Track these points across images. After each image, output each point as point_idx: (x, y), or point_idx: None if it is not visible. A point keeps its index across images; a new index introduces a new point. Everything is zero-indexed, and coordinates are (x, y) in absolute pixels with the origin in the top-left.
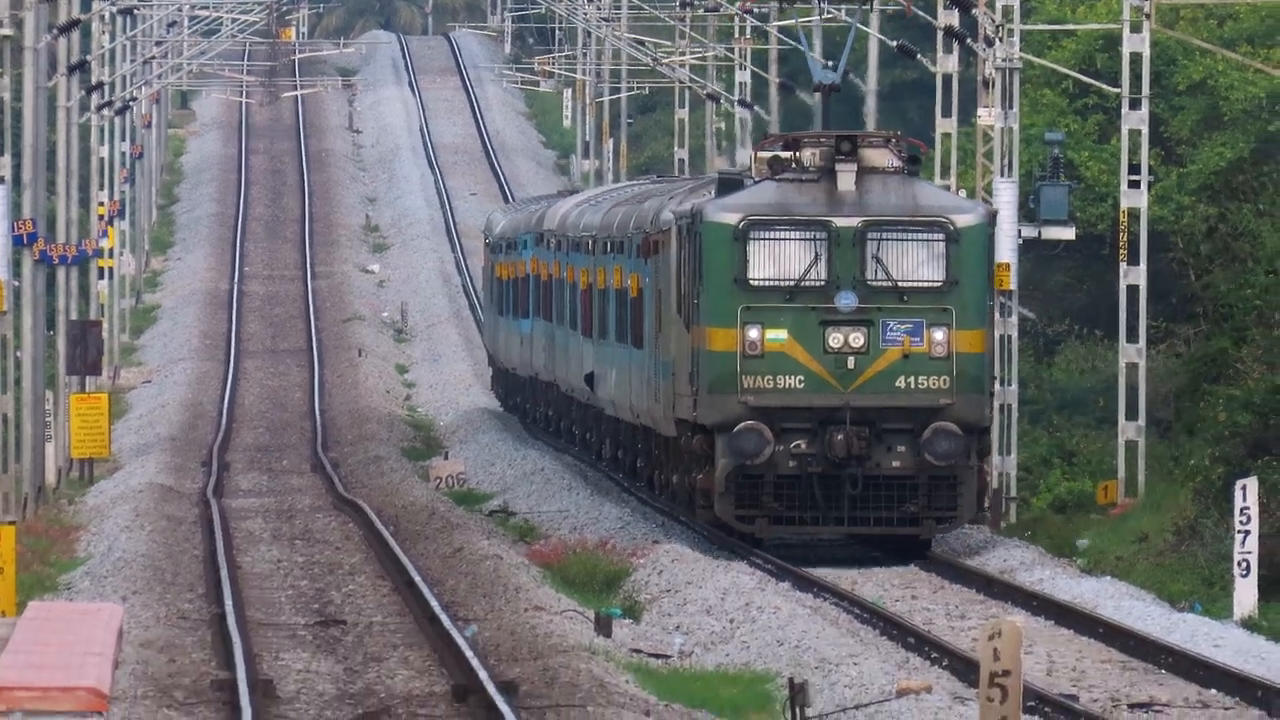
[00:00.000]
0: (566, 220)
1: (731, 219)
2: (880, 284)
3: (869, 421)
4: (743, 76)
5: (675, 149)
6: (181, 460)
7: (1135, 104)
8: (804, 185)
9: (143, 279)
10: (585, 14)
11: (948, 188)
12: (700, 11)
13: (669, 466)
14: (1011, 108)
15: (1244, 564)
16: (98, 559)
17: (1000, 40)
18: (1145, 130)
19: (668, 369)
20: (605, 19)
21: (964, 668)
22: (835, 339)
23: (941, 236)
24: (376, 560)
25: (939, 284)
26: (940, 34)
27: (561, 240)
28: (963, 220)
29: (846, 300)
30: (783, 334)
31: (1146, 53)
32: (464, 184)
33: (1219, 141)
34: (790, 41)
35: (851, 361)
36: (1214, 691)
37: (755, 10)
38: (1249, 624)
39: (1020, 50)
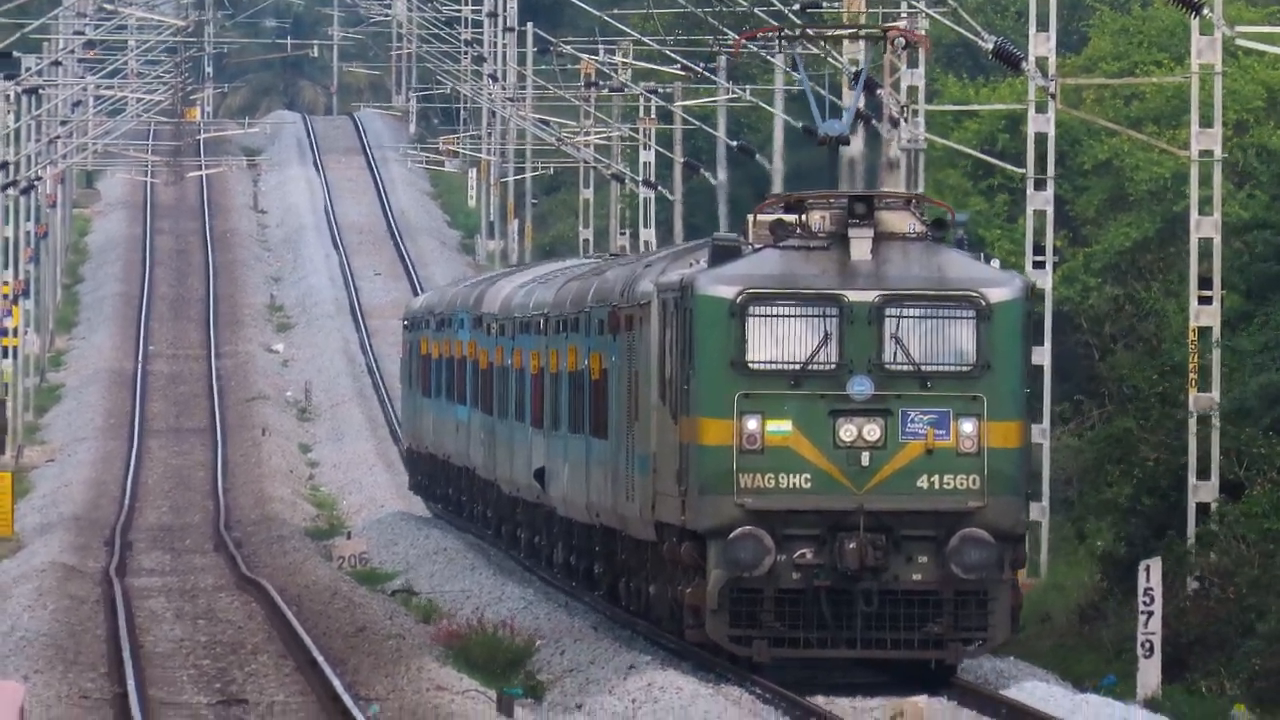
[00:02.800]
0: (511, 300)
1: (728, 292)
2: (900, 368)
3: (886, 527)
4: (647, 156)
5: (580, 229)
6: (85, 539)
7: (1040, 184)
8: (812, 254)
9: (47, 358)
10: (490, 94)
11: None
12: (605, 91)
13: (643, 576)
14: (916, 188)
15: (1148, 644)
16: (0, 638)
17: (905, 121)
18: (1050, 211)
19: (645, 464)
20: (510, 99)
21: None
22: (847, 431)
23: (971, 313)
24: (279, 639)
25: (968, 368)
26: (846, 115)
27: (506, 324)
28: (996, 295)
29: (861, 387)
30: (786, 425)
31: (1052, 133)
32: (368, 264)
33: (1124, 222)
34: (694, 122)
35: (866, 458)
36: None
37: (660, 90)
38: (1152, 704)
39: (925, 131)
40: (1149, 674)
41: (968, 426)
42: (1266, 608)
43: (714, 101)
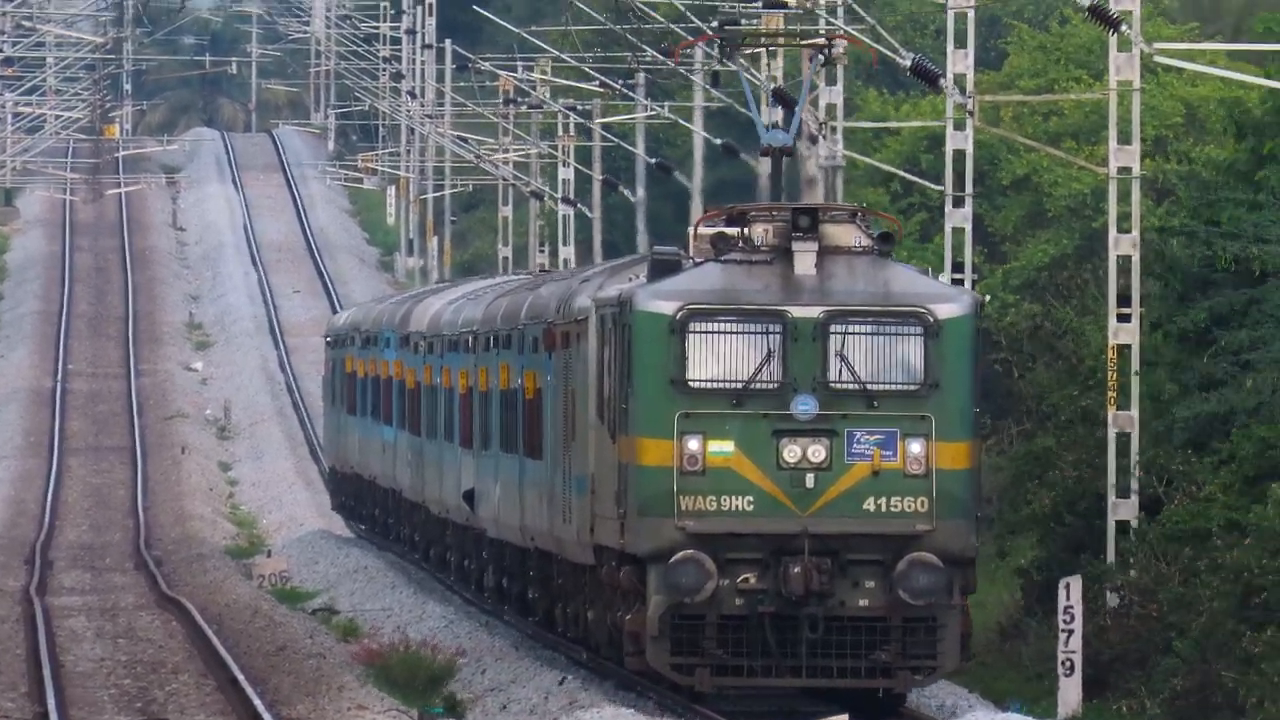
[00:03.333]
0: (440, 318)
1: (667, 308)
2: (845, 387)
3: (832, 551)
4: (566, 173)
5: (499, 246)
6: (4, 558)
7: (959, 202)
8: (754, 268)
9: None
10: (408, 111)
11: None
12: (523, 108)
13: (581, 601)
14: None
15: (1068, 663)
16: None
17: (824, 138)
18: (969, 228)
19: (582, 485)
20: (428, 116)
21: None
22: (791, 452)
23: (919, 330)
24: (200, 659)
25: (916, 387)
26: (792, 125)
27: (434, 341)
28: (944, 311)
29: (805, 406)
30: (728, 446)
31: (970, 149)
32: (287, 281)
33: (1043, 239)
34: (613, 139)
35: (811, 479)
36: None
37: (578, 107)
38: None
39: (844, 148)
40: (1069, 693)
41: (915, 447)
42: (1187, 626)
43: (633, 119)
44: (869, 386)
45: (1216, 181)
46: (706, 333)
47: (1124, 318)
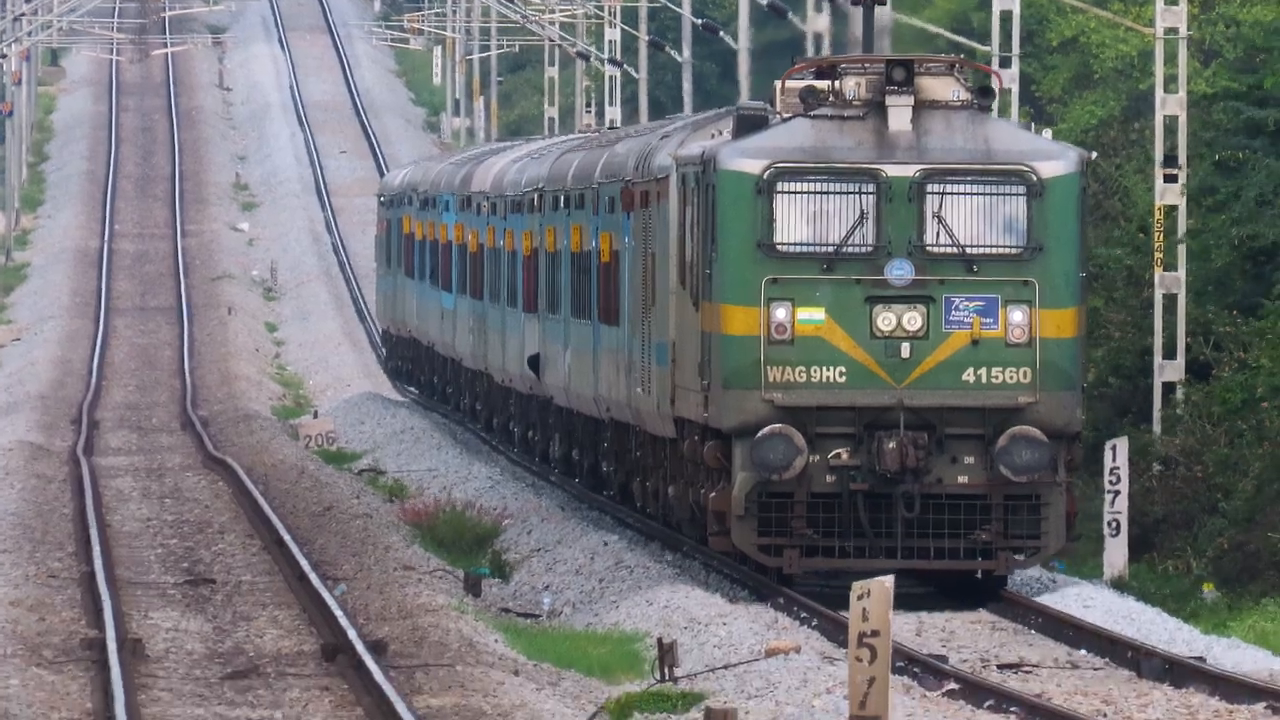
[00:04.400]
0: (503, 178)
1: (754, 167)
2: (943, 250)
3: (929, 425)
4: (612, 34)
5: (545, 107)
6: (51, 418)
7: (1005, 63)
8: (846, 124)
9: (13, 237)
10: None
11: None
12: None
13: (661, 476)
14: None
15: (1114, 524)
16: None
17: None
18: (1015, 89)
19: (663, 353)
20: None
21: (833, 628)
22: (886, 320)
23: (1022, 190)
24: (246, 519)
25: (1019, 250)
26: None
27: (497, 203)
28: (1049, 169)
29: (900, 271)
30: (819, 314)
31: (1017, 10)
32: (333, 142)
33: (1090, 100)
34: None
35: (906, 349)
36: (1084, 652)
37: None
38: (1119, 584)
39: (892, 10)
40: (1115, 554)
41: (1018, 315)
42: (1232, 487)
43: None
44: (968, 250)
45: (1263, 45)
46: (795, 193)
47: (1171, 178)
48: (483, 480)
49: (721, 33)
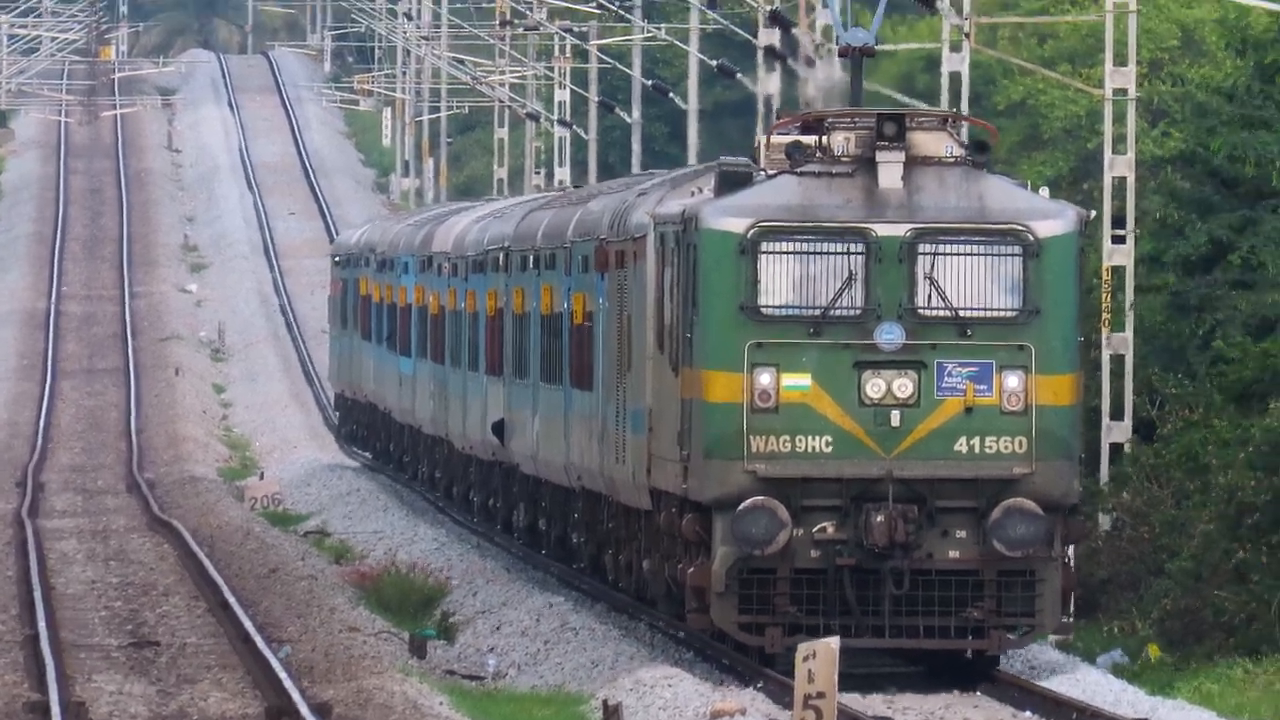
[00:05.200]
0: (465, 238)
1: (737, 226)
2: (935, 313)
3: (919, 497)
4: (562, 95)
5: (495, 168)
6: None
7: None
8: (834, 181)
9: None
10: (405, 32)
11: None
12: (520, 30)
13: (635, 549)
14: None
15: None
16: None
17: (821, 60)
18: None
19: (639, 420)
20: (425, 37)
21: (779, 690)
22: (875, 387)
23: (1018, 250)
24: (191, 581)
25: (1014, 314)
26: (760, 53)
27: (458, 263)
28: (1046, 228)
29: (890, 335)
30: (805, 380)
31: (966, 72)
32: (282, 203)
33: (1039, 161)
34: (609, 61)
35: (896, 417)
36: (1029, 713)
37: (575, 30)
38: (1064, 644)
39: (842, 71)
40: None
41: (1013, 381)
42: (1179, 548)
43: (629, 40)
44: (961, 313)
45: (1213, 105)
46: (781, 253)
47: (1119, 239)
48: (429, 542)
49: (671, 93)
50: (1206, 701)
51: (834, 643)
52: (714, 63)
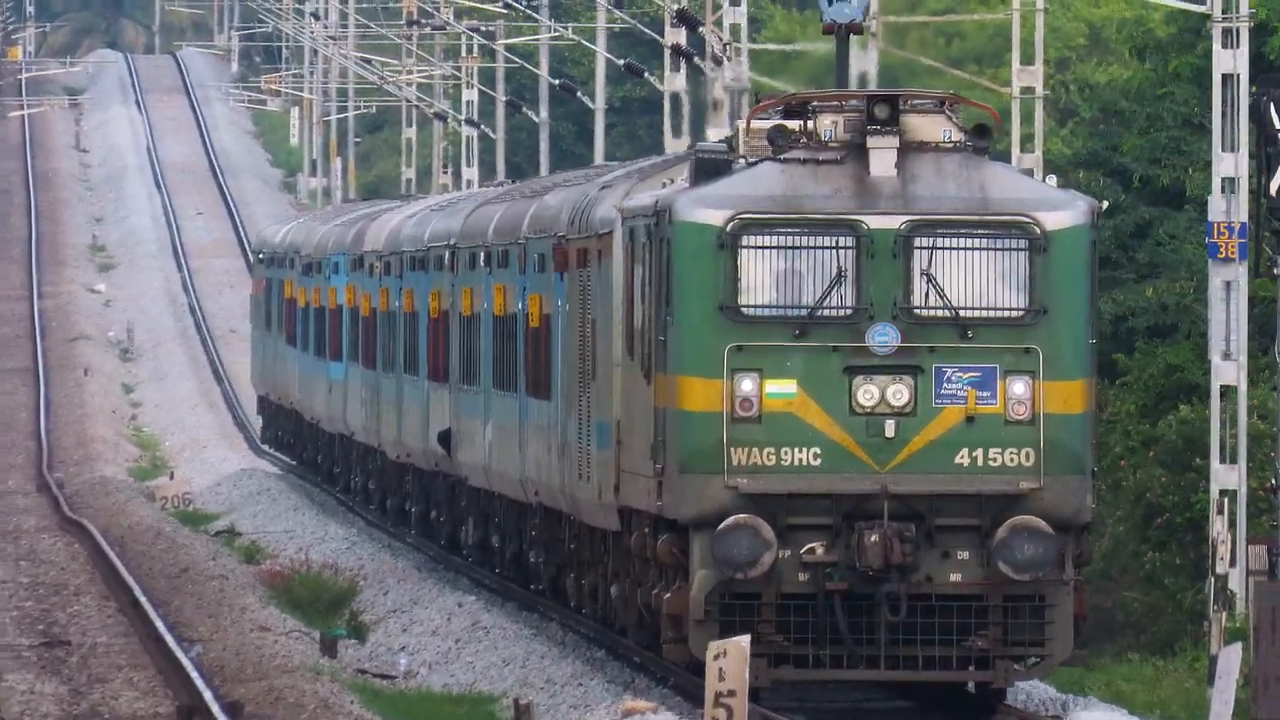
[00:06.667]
0: (400, 234)
1: (716, 218)
2: (933, 313)
3: (917, 515)
4: (470, 95)
5: (403, 168)
6: None
7: None
8: (821, 169)
9: None
10: (312, 32)
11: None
12: (427, 30)
13: (601, 573)
14: None
15: None
16: None
17: (728, 60)
18: None
19: (605, 434)
20: (332, 37)
21: (691, 688)
22: (867, 394)
23: (1024, 244)
24: (102, 581)
25: (1020, 314)
26: (667, 52)
27: (392, 261)
28: (1054, 220)
29: (884, 337)
30: (790, 386)
31: (874, 71)
32: (191, 203)
33: None
34: (517, 60)
35: (891, 427)
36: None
37: (482, 29)
38: None
39: (750, 70)
40: None
41: (1019, 388)
42: (1090, 549)
43: (536, 39)
44: (962, 313)
45: (1118, 106)
46: (763, 248)
47: None
48: (339, 541)
49: (579, 92)
50: (1118, 699)
51: (744, 641)
52: (621, 62)
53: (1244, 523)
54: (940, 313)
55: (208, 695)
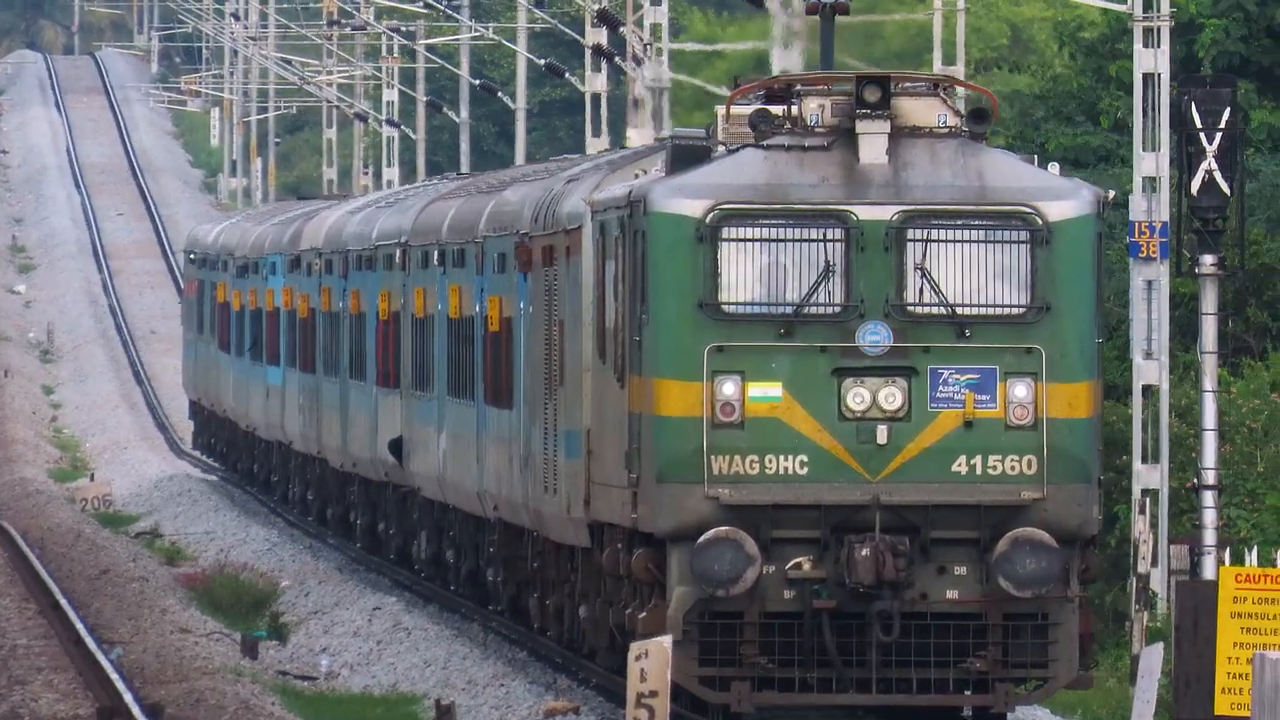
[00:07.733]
0: (343, 232)
1: (694, 209)
2: (928, 310)
3: (911, 528)
4: (390, 95)
5: (324, 168)
6: None
7: None
8: (807, 156)
9: None
10: (232, 32)
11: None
12: (347, 30)
13: (567, 592)
14: (662, 129)
15: None
16: None
17: (649, 59)
18: None
19: (574, 443)
20: (252, 37)
21: (613, 688)
22: (858, 397)
23: (1024, 236)
24: (22, 583)
25: (1021, 311)
26: (589, 52)
27: (333, 259)
28: (1057, 210)
29: (875, 336)
30: (775, 390)
31: (798, 68)
32: (111, 204)
33: None
34: (437, 60)
35: (883, 433)
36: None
37: (402, 29)
38: None
39: (671, 70)
40: None
41: (1020, 390)
42: None
43: (457, 40)
44: (958, 310)
45: (1041, 101)
46: (745, 240)
47: None
48: (260, 542)
49: (500, 93)
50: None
51: (666, 641)
52: (542, 62)
53: (1166, 522)
54: (935, 310)
55: (128, 697)
